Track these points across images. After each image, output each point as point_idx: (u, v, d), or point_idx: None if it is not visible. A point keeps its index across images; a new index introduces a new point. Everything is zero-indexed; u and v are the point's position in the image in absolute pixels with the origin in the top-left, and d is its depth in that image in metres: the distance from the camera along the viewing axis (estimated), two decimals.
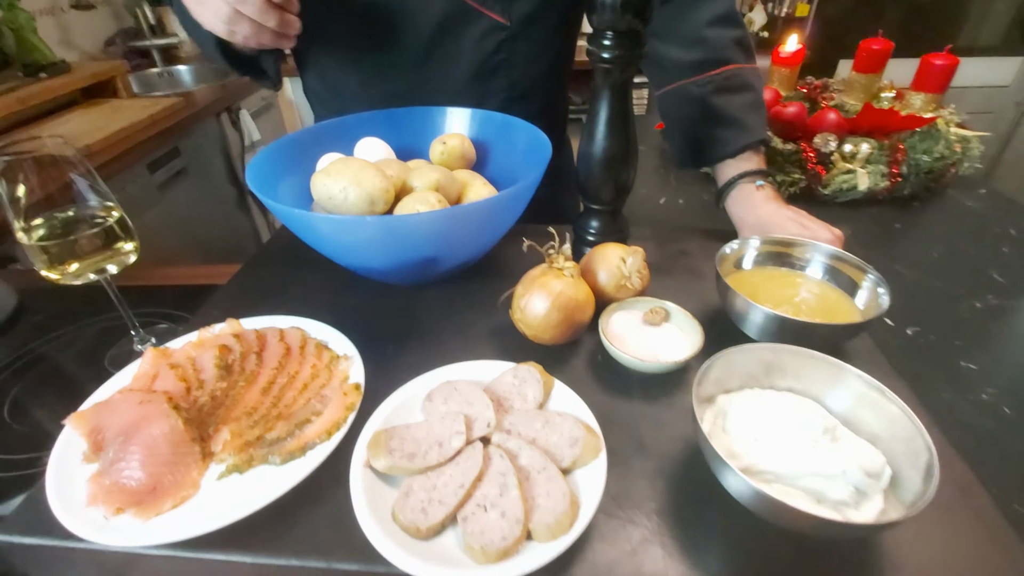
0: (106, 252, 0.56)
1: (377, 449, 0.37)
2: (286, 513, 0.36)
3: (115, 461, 0.38)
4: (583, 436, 0.37)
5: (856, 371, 0.37)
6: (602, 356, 0.49)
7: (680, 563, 0.33)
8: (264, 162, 0.57)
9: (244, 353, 0.47)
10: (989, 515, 0.35)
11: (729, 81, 0.64)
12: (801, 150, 0.90)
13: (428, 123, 0.69)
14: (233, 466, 0.38)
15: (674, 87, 0.67)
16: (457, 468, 0.36)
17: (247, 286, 0.62)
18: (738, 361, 0.39)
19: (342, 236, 0.47)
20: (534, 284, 0.47)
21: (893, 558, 0.33)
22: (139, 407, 0.41)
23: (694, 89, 0.65)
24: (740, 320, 0.48)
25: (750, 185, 0.62)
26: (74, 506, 0.36)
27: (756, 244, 0.53)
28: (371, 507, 0.34)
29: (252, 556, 0.34)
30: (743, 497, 0.32)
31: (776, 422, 0.35)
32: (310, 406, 0.42)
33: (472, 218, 0.49)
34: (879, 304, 0.45)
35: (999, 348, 0.60)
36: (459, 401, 0.41)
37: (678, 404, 0.44)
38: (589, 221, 0.58)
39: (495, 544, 0.31)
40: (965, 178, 0.97)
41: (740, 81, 0.65)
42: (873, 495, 0.32)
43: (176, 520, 0.35)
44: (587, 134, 0.53)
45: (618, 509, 0.36)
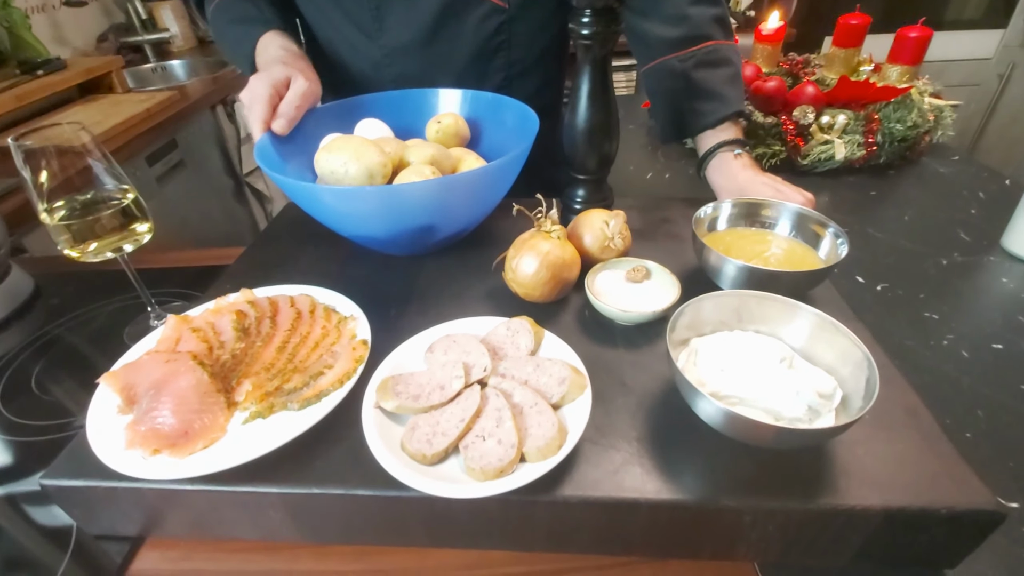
0: (123, 232, 0.59)
1: (385, 392, 0.41)
2: (307, 450, 0.40)
3: (148, 411, 0.42)
4: (570, 375, 0.41)
5: (811, 308, 0.41)
6: (588, 312, 0.53)
7: (656, 479, 0.37)
8: (269, 143, 0.60)
9: (259, 317, 0.51)
10: (933, 435, 0.39)
11: (709, 56, 0.68)
12: (781, 123, 0.94)
13: (424, 104, 0.73)
14: (256, 412, 0.42)
15: (658, 63, 0.71)
16: (457, 407, 0.40)
17: (256, 262, 0.66)
18: (708, 307, 0.44)
19: (344, 206, 0.51)
20: (524, 246, 0.51)
21: (844, 468, 0.37)
22: (166, 365, 0.45)
23: (677, 64, 0.69)
24: (715, 274, 0.52)
25: (728, 154, 0.66)
26: (115, 450, 0.40)
27: (729, 206, 0.57)
28: (383, 440, 0.38)
29: (278, 487, 0.39)
30: (711, 418, 0.37)
31: (740, 355, 0.40)
32: (322, 360, 0.46)
33: (464, 187, 0.52)
34: (838, 254, 0.50)
35: (961, 299, 0.64)
36: (458, 351, 0.45)
37: (657, 350, 0.48)
38: (575, 190, 0.62)
39: (492, 465, 0.36)
40: (940, 146, 1.01)
41: (720, 56, 0.69)
42: (825, 413, 0.37)
43: (208, 457, 0.39)
44: (571, 107, 0.57)
45: (602, 437, 0.40)
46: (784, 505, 0.36)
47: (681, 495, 0.36)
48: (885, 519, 0.35)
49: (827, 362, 0.40)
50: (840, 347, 0.39)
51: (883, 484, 0.36)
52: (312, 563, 0.43)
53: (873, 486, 0.36)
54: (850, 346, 0.38)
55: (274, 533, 0.42)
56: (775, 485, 0.36)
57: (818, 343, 0.41)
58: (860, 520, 0.35)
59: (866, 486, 0.36)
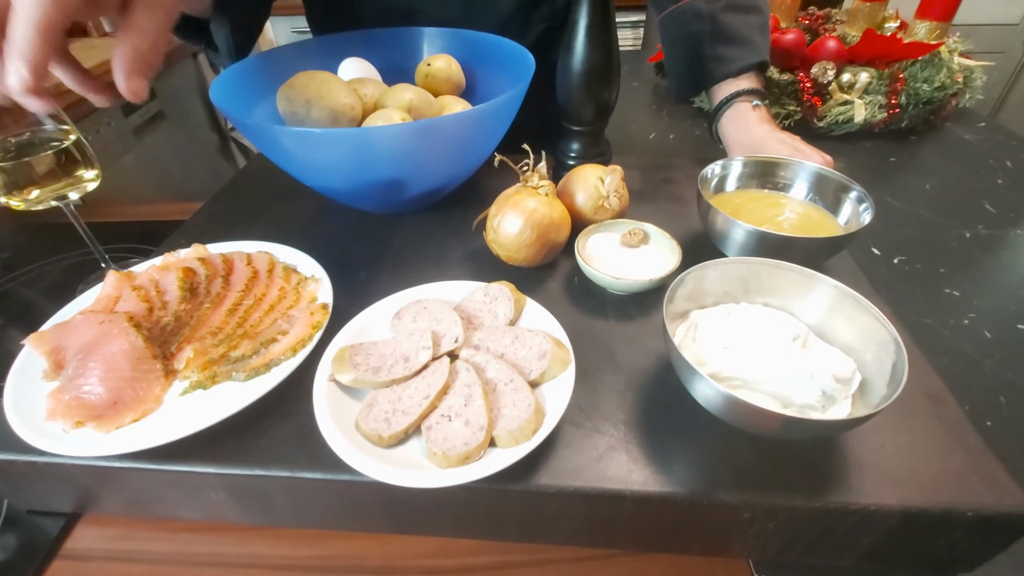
0: (66, 178, 0.54)
1: (342, 363, 0.37)
2: (253, 427, 0.36)
3: (74, 377, 0.37)
4: (552, 349, 0.36)
5: (830, 280, 0.36)
6: (578, 278, 0.48)
7: (644, 468, 0.33)
8: (236, 79, 0.53)
9: (210, 276, 0.45)
10: (959, 425, 0.35)
11: (740, 0, 0.63)
12: (798, 80, 0.87)
13: (417, 44, 0.65)
14: (196, 383, 0.37)
15: (682, 4, 0.64)
16: (423, 381, 0.36)
17: (216, 215, 0.60)
18: (711, 276, 0.38)
19: (302, 151, 0.45)
20: (508, 202, 0.45)
21: (857, 462, 0.33)
22: (99, 327, 0.40)
23: (704, 6, 0.63)
24: (721, 240, 0.46)
25: (746, 104, 0.60)
26: (33, 421, 0.35)
27: (740, 165, 0.51)
28: (334, 418, 0.34)
29: (217, 467, 0.34)
30: (710, 403, 0.32)
31: (746, 331, 0.35)
32: (276, 326, 0.41)
33: (440, 135, 0.46)
34: (860, 222, 0.44)
35: (984, 275, 0.59)
36: (428, 319, 0.40)
37: (653, 323, 0.43)
38: (569, 143, 0.56)
39: (457, 450, 0.31)
40: (965, 112, 0.94)
41: (750, 2, 0.63)
42: (841, 400, 0.32)
43: (137, 432, 0.34)
44: (566, 47, 0.50)
45: (586, 420, 0.36)
46: (788, 502, 0.31)
47: (671, 487, 0.32)
48: (902, 520, 0.31)
49: (845, 342, 0.35)
50: (861, 325, 0.34)
51: (901, 481, 0.32)
52: (261, 547, 0.39)
53: (890, 483, 0.32)
54: (874, 324, 0.33)
55: (218, 514, 0.38)
56: (778, 479, 0.32)
57: (836, 320, 0.36)
58: (874, 521, 0.31)
59: (882, 483, 0.32)
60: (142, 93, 0.36)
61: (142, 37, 0.35)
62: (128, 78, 0.34)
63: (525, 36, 0.69)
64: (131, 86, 0.35)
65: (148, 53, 0.35)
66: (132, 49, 0.34)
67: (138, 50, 0.35)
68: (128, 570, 0.38)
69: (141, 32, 0.35)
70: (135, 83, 0.35)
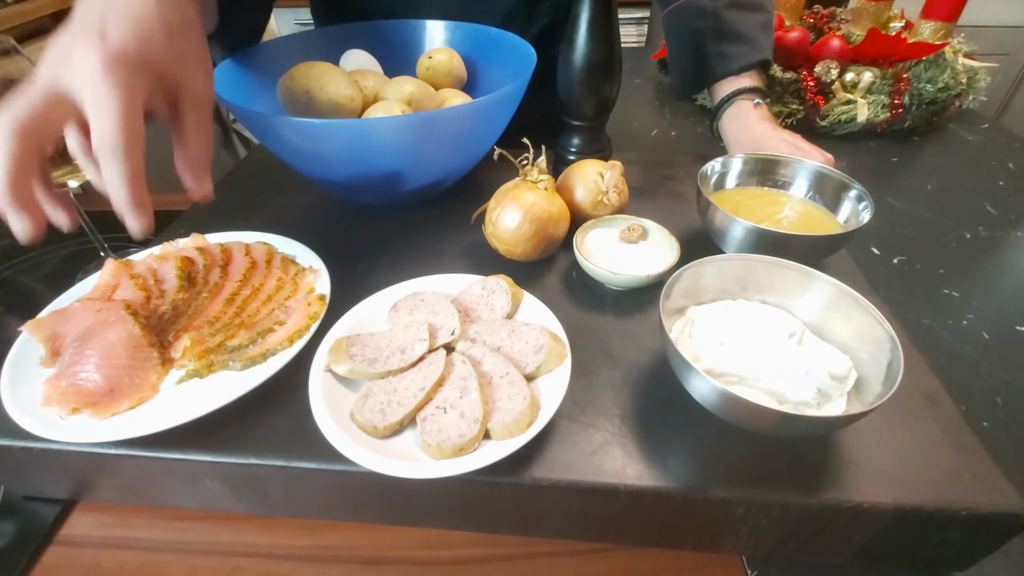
0: (65, 166, 0.53)
1: (338, 354, 0.37)
2: (248, 416, 0.36)
3: (71, 364, 0.37)
4: (548, 343, 0.36)
5: (828, 278, 0.36)
6: (576, 273, 0.48)
7: (639, 463, 0.33)
8: (236, 69, 0.53)
9: (208, 265, 0.45)
10: (954, 424, 0.35)
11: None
12: (801, 79, 0.86)
13: (419, 37, 0.65)
14: (193, 371, 0.38)
15: (686, 0, 0.64)
16: (418, 373, 0.36)
17: (216, 206, 0.60)
18: (709, 272, 0.38)
19: (301, 141, 0.45)
20: (507, 196, 0.45)
21: (852, 459, 0.33)
22: (97, 314, 0.40)
23: (707, 3, 0.62)
24: (720, 237, 0.46)
25: (747, 102, 0.60)
26: (29, 407, 0.35)
27: (741, 161, 0.51)
28: (329, 408, 0.34)
29: (212, 455, 0.34)
30: (705, 398, 0.32)
31: (742, 327, 0.35)
32: (273, 316, 0.41)
33: (441, 127, 0.46)
34: (860, 220, 0.44)
35: (984, 277, 0.59)
36: (425, 311, 0.40)
37: (650, 319, 0.43)
38: (569, 138, 0.56)
39: (451, 442, 0.31)
40: (969, 113, 0.94)
41: (754, 0, 0.63)
42: (837, 397, 0.32)
43: (133, 420, 0.34)
44: (568, 41, 0.50)
45: (581, 414, 0.36)
46: (782, 498, 0.31)
47: (666, 482, 0.32)
48: (896, 518, 0.31)
49: (841, 340, 0.35)
50: (858, 323, 0.34)
51: (895, 479, 0.32)
52: (256, 536, 0.39)
53: (884, 480, 0.32)
54: (871, 323, 0.33)
55: (214, 503, 0.38)
56: (773, 475, 0.32)
57: (833, 318, 0.36)
58: (867, 518, 0.31)
59: (876, 480, 0.32)
60: (211, 192, 0.38)
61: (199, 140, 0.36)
62: (200, 183, 0.37)
63: (528, 30, 0.68)
64: (204, 189, 0.37)
65: (206, 152, 0.37)
66: (196, 155, 0.36)
67: (200, 154, 0.36)
68: (123, 557, 0.38)
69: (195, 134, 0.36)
70: (206, 185, 0.37)
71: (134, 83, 0.31)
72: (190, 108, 0.36)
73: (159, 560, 0.38)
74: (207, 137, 0.37)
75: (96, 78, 0.30)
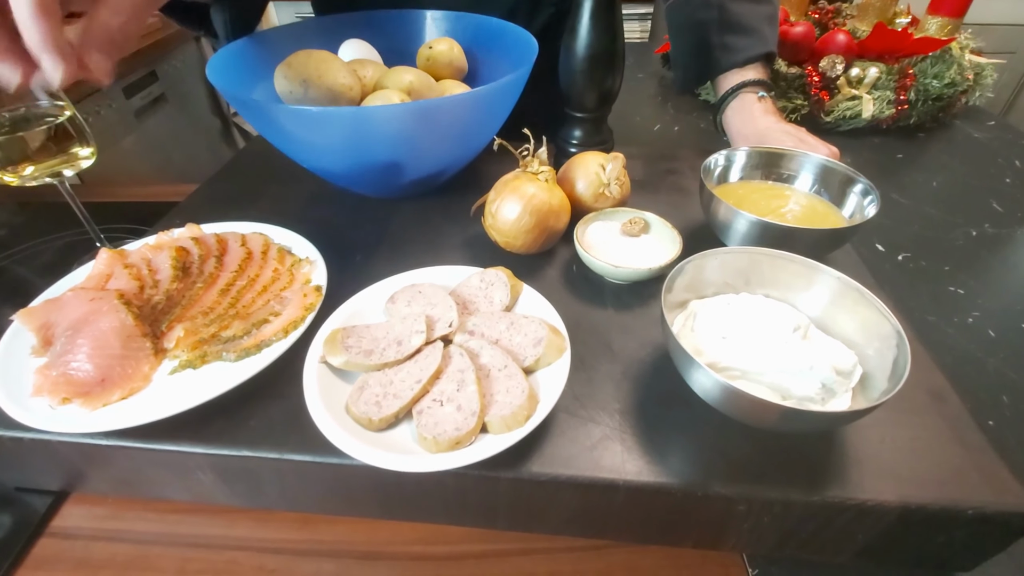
0: (61, 155, 0.53)
1: (334, 346, 0.36)
2: (242, 408, 0.35)
3: (63, 354, 0.36)
4: (547, 336, 0.36)
5: (833, 271, 0.35)
6: (576, 267, 0.47)
7: (639, 458, 0.32)
8: (234, 58, 0.52)
9: (203, 256, 0.45)
10: (960, 422, 0.34)
11: None
12: (806, 74, 0.85)
13: (419, 27, 0.64)
14: (186, 362, 0.37)
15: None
16: (415, 365, 0.35)
17: (213, 197, 0.60)
18: (712, 266, 0.38)
19: (298, 130, 0.44)
20: (507, 188, 0.44)
21: (856, 456, 0.32)
22: (89, 304, 0.39)
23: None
24: (723, 230, 0.45)
25: (751, 95, 0.59)
26: (20, 396, 0.34)
27: (744, 155, 0.50)
28: (324, 400, 0.33)
29: (204, 447, 0.34)
30: (707, 393, 0.31)
31: (745, 321, 0.34)
32: (269, 307, 0.41)
33: (440, 117, 0.45)
34: (865, 215, 0.43)
35: (990, 274, 0.58)
36: (422, 303, 0.40)
37: (651, 313, 0.42)
38: (571, 130, 0.55)
39: (447, 435, 0.30)
40: (974, 110, 0.93)
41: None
42: (841, 393, 0.31)
43: (124, 410, 0.34)
44: (570, 30, 0.49)
45: (581, 408, 0.35)
46: (784, 495, 0.31)
47: (666, 478, 0.31)
48: (900, 517, 0.30)
49: (846, 335, 0.35)
50: (864, 318, 0.34)
51: (900, 476, 0.31)
52: (250, 530, 0.38)
53: (889, 478, 0.31)
54: (877, 317, 0.33)
55: (207, 496, 0.38)
56: (775, 472, 0.31)
57: (838, 313, 0.35)
58: (871, 516, 0.30)
59: (881, 478, 0.31)
60: (105, 74, 0.32)
61: (113, 14, 0.31)
62: (89, 52, 0.31)
63: (533, 22, 0.67)
64: (93, 61, 0.31)
65: (117, 32, 0.32)
66: (99, 24, 0.31)
67: (106, 26, 0.31)
68: (114, 550, 0.37)
69: (113, 9, 0.31)
70: (97, 59, 0.31)
71: None
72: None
73: (151, 553, 0.37)
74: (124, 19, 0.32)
75: None
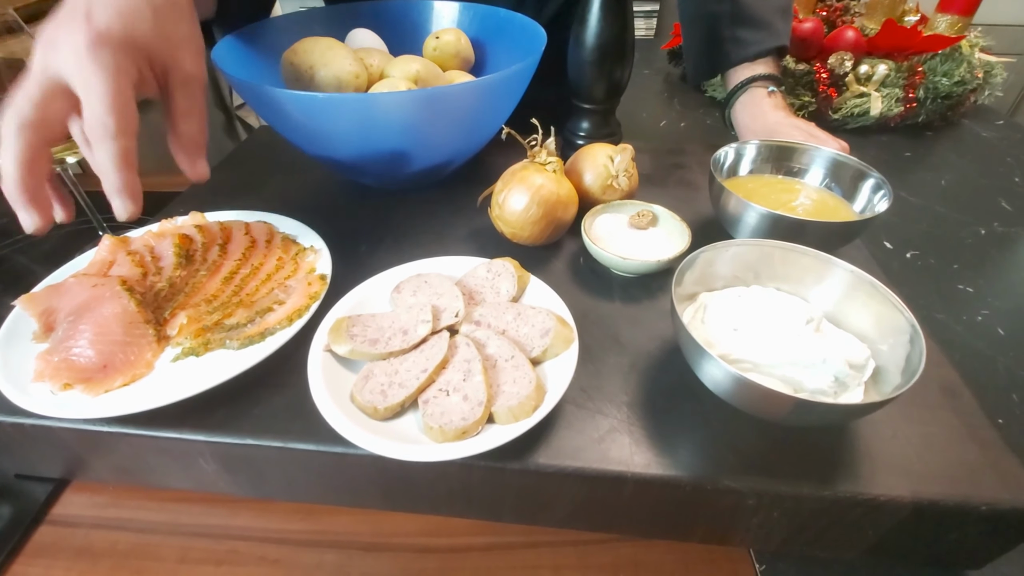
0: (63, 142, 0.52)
1: (338, 334, 0.36)
2: (245, 396, 0.35)
3: (64, 339, 0.36)
4: (555, 327, 0.35)
5: (846, 265, 0.34)
6: (584, 259, 0.46)
7: (647, 451, 0.32)
8: (240, 45, 0.52)
9: (207, 244, 0.44)
10: (974, 418, 0.34)
11: None
12: (814, 71, 0.85)
13: (427, 17, 0.64)
14: (190, 349, 0.36)
15: None
16: (421, 355, 0.35)
17: (216, 187, 0.59)
18: (722, 259, 0.37)
19: (302, 115, 0.43)
20: (514, 178, 0.44)
21: (868, 452, 0.32)
22: (92, 290, 0.39)
23: None
24: (732, 224, 0.45)
25: (761, 90, 0.58)
26: (21, 382, 0.34)
27: (754, 149, 0.50)
28: (328, 388, 0.33)
29: (207, 435, 0.33)
30: (718, 385, 0.31)
31: (757, 313, 0.33)
32: (273, 295, 0.40)
33: (447, 105, 0.45)
34: (876, 210, 0.43)
35: (999, 273, 0.58)
36: (428, 293, 0.39)
37: (659, 306, 0.42)
38: (579, 122, 0.54)
39: (454, 424, 0.30)
40: (983, 109, 0.92)
41: None
42: (854, 387, 0.31)
43: (126, 396, 0.33)
44: (579, 20, 0.48)
45: (588, 400, 0.35)
46: (795, 490, 0.30)
47: (675, 471, 0.31)
48: (913, 512, 0.30)
49: (859, 329, 0.34)
50: (877, 312, 0.33)
51: (913, 472, 0.31)
52: (251, 519, 0.38)
53: (901, 474, 0.31)
54: (891, 311, 0.32)
55: (209, 484, 0.38)
56: (786, 466, 0.31)
57: (851, 307, 0.35)
58: (883, 512, 0.30)
59: (893, 473, 0.31)
60: (207, 173, 0.37)
61: (188, 123, 0.35)
62: (194, 164, 0.36)
63: (542, 12, 0.65)
64: (199, 171, 0.37)
65: (200, 134, 0.36)
66: (188, 137, 0.35)
67: (193, 136, 0.36)
68: (115, 538, 0.37)
69: (187, 118, 0.35)
70: (201, 167, 0.37)
71: (120, 63, 0.31)
72: (180, 88, 0.35)
73: (152, 541, 0.37)
74: (199, 117, 0.36)
75: (82, 59, 0.30)
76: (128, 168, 0.32)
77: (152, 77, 0.34)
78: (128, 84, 0.31)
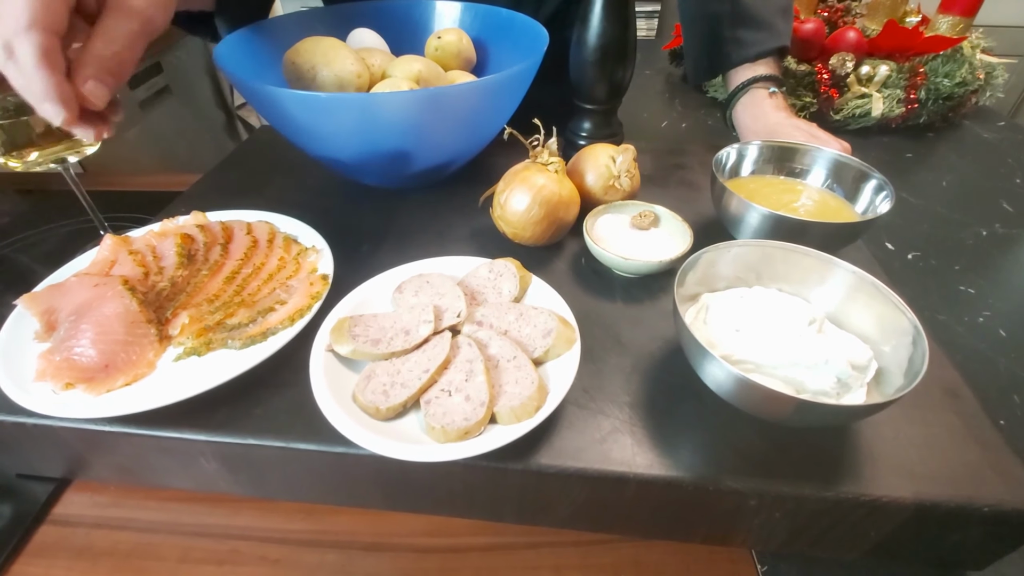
0: (65, 141, 0.52)
1: (340, 334, 0.36)
2: (247, 395, 0.35)
3: (66, 339, 0.36)
4: (557, 327, 0.35)
5: (848, 265, 0.34)
6: (585, 259, 0.46)
7: (649, 451, 0.32)
8: (241, 45, 0.52)
9: (208, 243, 0.44)
10: (975, 419, 0.34)
11: None
12: (815, 72, 0.85)
13: (428, 17, 0.64)
14: (191, 349, 0.36)
15: None
16: (423, 355, 0.35)
17: (218, 186, 0.59)
18: (724, 259, 0.37)
19: (303, 115, 0.43)
20: (516, 178, 0.44)
21: (870, 453, 0.32)
22: (93, 289, 0.39)
23: None
24: (734, 224, 0.45)
25: (762, 91, 0.58)
26: (22, 381, 0.34)
27: (756, 150, 0.50)
28: (330, 388, 0.33)
29: (209, 434, 0.33)
30: (720, 386, 0.31)
31: (759, 314, 0.33)
32: (275, 295, 0.40)
33: (449, 105, 0.45)
34: (878, 211, 0.43)
35: (1000, 274, 0.58)
36: (430, 293, 0.39)
37: (661, 306, 0.42)
38: (580, 122, 0.54)
39: (456, 425, 0.30)
40: (984, 110, 0.92)
41: None
42: (856, 388, 0.31)
43: (128, 396, 0.33)
44: (581, 20, 0.48)
45: (590, 401, 0.35)
46: (797, 490, 0.30)
47: (677, 472, 0.31)
48: (915, 513, 0.30)
49: (861, 330, 0.34)
50: (880, 313, 0.33)
51: (915, 473, 0.31)
52: (253, 519, 0.38)
53: (903, 475, 0.31)
54: (893, 312, 0.32)
55: (210, 484, 0.38)
56: (788, 467, 0.31)
57: (853, 308, 0.35)
58: (885, 513, 0.30)
59: (895, 474, 0.31)
60: (100, 100, 0.33)
61: (106, 44, 0.32)
62: (83, 81, 0.31)
63: (540, 11, 0.65)
64: (87, 90, 0.32)
65: (111, 61, 0.32)
66: (93, 54, 0.31)
67: (100, 56, 0.32)
68: (116, 537, 0.37)
69: (107, 39, 0.32)
70: (91, 87, 0.32)
71: None
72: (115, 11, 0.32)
73: (153, 541, 0.37)
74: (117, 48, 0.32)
75: None
76: (51, 68, 0.29)
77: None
78: None
